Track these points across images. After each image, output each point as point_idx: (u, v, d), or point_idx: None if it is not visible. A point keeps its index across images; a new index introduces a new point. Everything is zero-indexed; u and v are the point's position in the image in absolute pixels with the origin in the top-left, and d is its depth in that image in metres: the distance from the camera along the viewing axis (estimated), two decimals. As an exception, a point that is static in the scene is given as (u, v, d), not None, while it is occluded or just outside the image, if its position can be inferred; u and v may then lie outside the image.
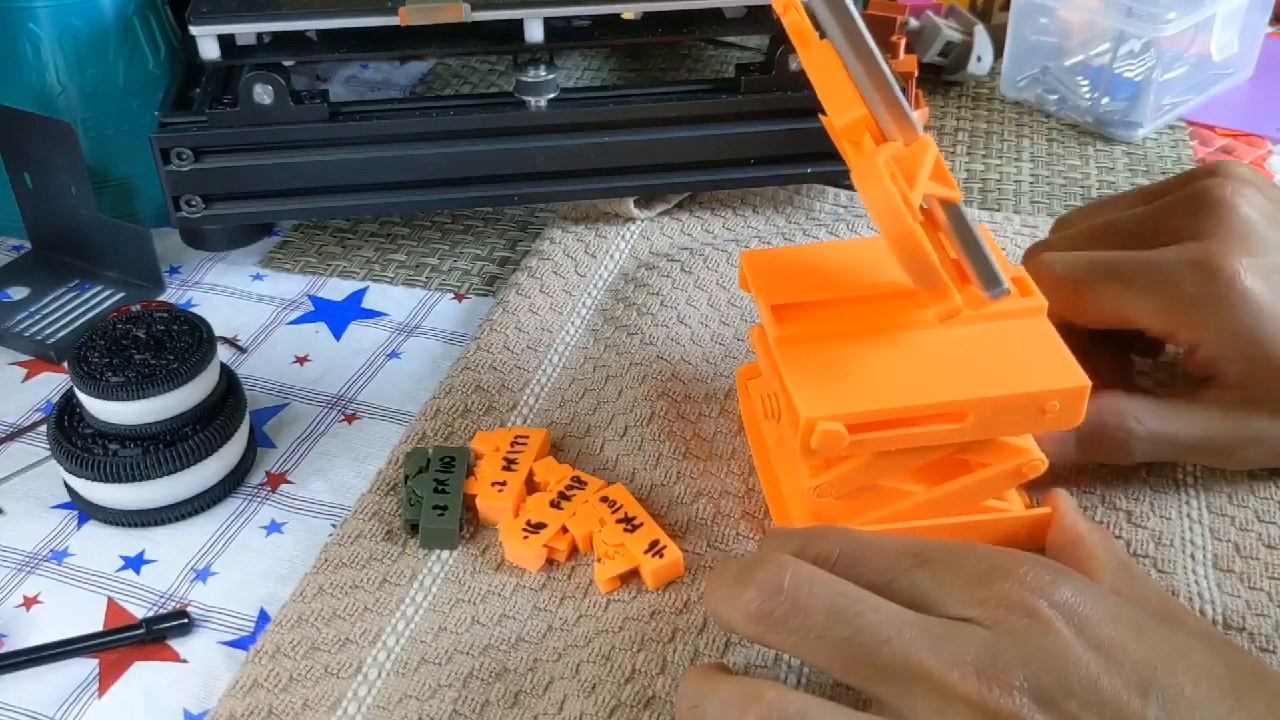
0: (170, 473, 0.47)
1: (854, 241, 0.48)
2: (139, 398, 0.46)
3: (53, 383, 0.56)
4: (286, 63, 0.58)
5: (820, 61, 0.41)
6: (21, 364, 0.57)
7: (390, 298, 0.61)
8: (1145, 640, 0.34)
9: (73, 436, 0.48)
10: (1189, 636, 0.35)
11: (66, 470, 0.48)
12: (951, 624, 0.34)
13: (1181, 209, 0.47)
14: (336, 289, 0.62)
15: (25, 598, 0.46)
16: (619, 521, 0.46)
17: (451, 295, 0.61)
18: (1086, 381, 0.41)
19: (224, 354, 0.56)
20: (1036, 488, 0.47)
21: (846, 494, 0.43)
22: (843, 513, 0.44)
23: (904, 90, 0.42)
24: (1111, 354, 0.49)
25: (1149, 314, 0.46)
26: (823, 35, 0.41)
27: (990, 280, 0.41)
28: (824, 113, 0.42)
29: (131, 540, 0.48)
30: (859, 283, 0.45)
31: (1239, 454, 0.47)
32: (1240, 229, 0.45)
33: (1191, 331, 0.45)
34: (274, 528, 0.48)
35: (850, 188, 0.66)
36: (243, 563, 0.47)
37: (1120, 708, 0.32)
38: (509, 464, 0.48)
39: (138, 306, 0.60)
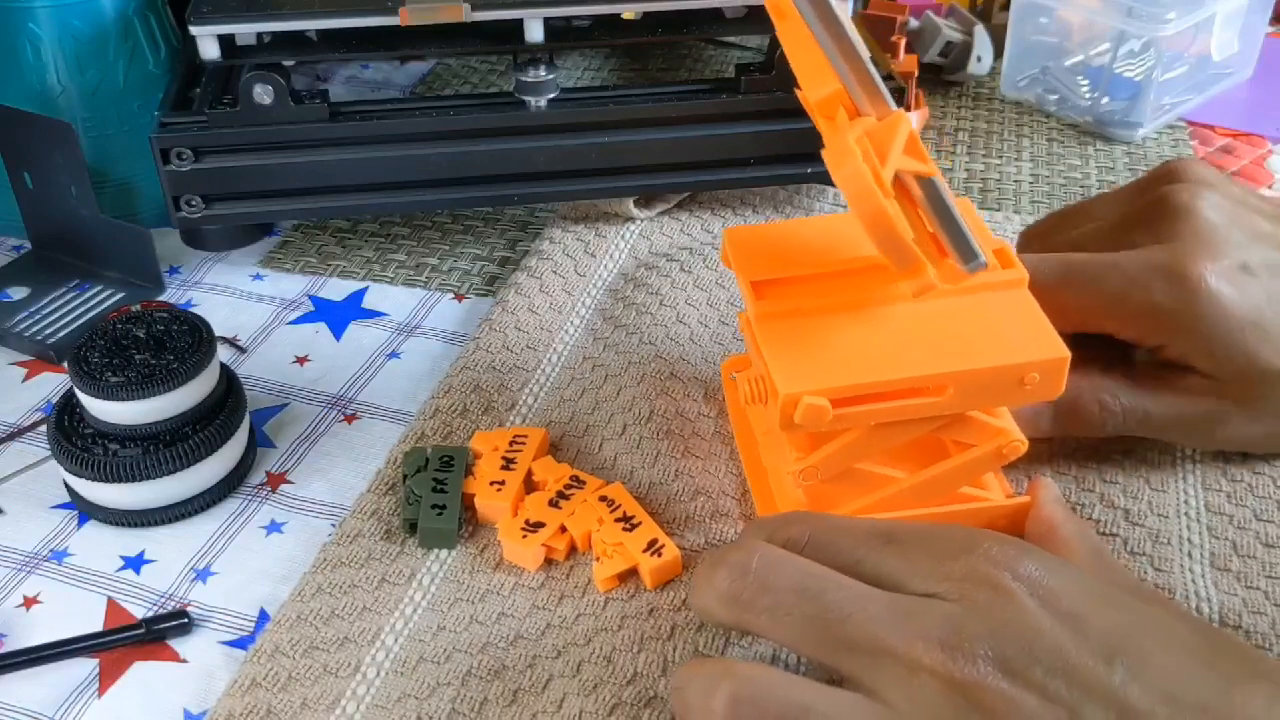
0: (170, 473, 0.47)
1: (837, 215, 0.48)
2: (139, 398, 0.46)
3: (53, 383, 0.56)
4: (286, 63, 0.58)
5: (796, 35, 0.41)
6: (21, 364, 0.57)
7: (390, 298, 0.61)
8: (1112, 609, 0.35)
9: (73, 436, 0.48)
10: (1159, 607, 0.36)
11: (66, 470, 0.48)
12: (917, 599, 0.35)
13: (1144, 219, 0.47)
14: (336, 289, 0.62)
15: (25, 598, 0.46)
16: (617, 520, 0.46)
17: (451, 295, 0.61)
18: (1066, 353, 0.41)
19: (224, 354, 0.56)
20: (1029, 472, 0.48)
21: (831, 477, 0.43)
22: (828, 500, 0.44)
23: (882, 72, 0.42)
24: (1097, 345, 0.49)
25: (1117, 320, 0.46)
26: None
27: (966, 254, 0.40)
28: (799, 88, 0.42)
29: (131, 540, 0.48)
30: (841, 257, 0.45)
31: (1208, 434, 0.47)
32: (1203, 233, 0.45)
33: (1160, 336, 0.46)
34: (274, 528, 0.48)
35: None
36: (243, 563, 0.47)
37: (1086, 674, 0.33)
38: (508, 463, 0.48)
39: (138, 306, 0.60)
